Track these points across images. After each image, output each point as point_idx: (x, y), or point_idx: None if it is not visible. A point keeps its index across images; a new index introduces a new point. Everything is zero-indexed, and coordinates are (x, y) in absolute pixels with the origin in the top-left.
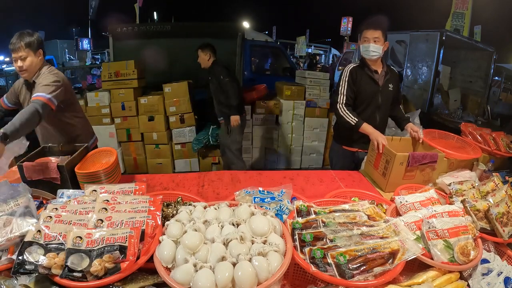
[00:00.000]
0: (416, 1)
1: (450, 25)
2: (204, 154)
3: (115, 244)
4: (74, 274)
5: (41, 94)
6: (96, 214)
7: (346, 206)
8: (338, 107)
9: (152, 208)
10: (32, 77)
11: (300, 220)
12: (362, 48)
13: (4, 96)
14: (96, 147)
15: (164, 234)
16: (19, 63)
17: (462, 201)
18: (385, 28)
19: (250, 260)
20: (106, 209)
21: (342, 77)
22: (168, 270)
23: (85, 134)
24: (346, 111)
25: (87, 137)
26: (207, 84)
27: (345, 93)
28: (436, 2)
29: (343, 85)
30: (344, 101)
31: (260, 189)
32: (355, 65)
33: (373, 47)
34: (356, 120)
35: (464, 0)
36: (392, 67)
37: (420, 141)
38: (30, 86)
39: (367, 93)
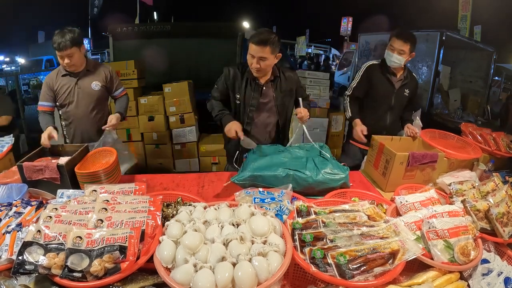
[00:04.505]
0: (416, 1)
1: (458, 27)
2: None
3: (115, 244)
4: (74, 274)
5: (122, 88)
6: (96, 214)
7: (346, 206)
8: (344, 97)
9: (152, 208)
10: (79, 68)
11: (300, 220)
12: (386, 53)
13: (40, 101)
14: None
15: (164, 234)
16: (67, 60)
17: (462, 201)
18: (415, 41)
19: (250, 260)
20: (106, 209)
21: (359, 71)
22: (168, 270)
23: None
24: (349, 103)
25: None
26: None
27: (354, 86)
28: (436, 2)
29: (357, 78)
30: (351, 93)
31: (260, 189)
32: (375, 62)
33: (396, 57)
34: (351, 115)
35: (467, 1)
36: (413, 74)
37: (416, 136)
38: (77, 75)
39: (380, 93)
